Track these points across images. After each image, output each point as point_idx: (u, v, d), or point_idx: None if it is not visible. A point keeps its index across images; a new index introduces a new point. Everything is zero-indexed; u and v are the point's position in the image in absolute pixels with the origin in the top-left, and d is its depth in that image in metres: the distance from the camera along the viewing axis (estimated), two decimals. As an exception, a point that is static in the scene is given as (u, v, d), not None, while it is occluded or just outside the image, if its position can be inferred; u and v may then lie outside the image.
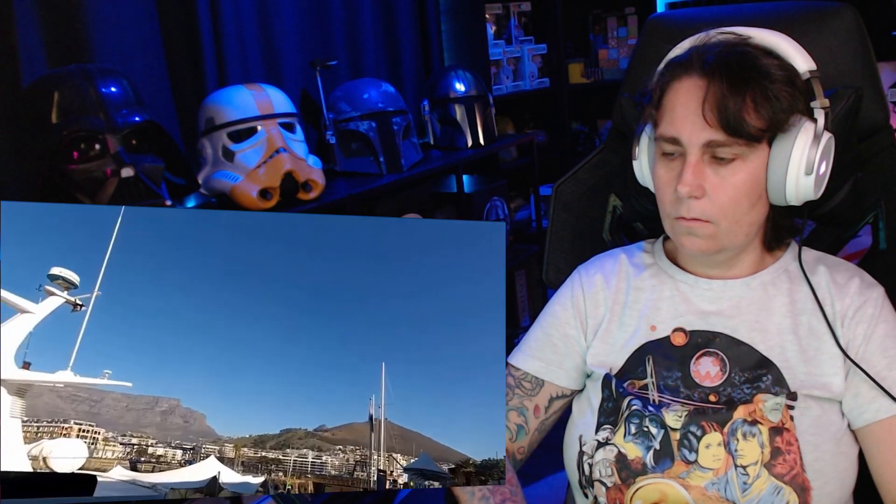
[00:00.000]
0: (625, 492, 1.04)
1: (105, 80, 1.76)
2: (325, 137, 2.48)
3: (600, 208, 1.37)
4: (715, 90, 0.96)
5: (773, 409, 1.01)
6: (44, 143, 1.68)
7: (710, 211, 0.99)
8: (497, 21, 3.57)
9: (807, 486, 0.99)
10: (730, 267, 1.09)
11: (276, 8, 2.56)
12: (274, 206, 2.07)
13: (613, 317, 1.14)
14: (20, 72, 1.87)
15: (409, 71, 3.16)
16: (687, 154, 0.99)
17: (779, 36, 1.01)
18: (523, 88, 3.64)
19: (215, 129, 2.10)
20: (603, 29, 3.89)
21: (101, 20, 2.04)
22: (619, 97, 1.27)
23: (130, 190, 1.72)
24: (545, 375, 1.16)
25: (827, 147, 1.00)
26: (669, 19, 1.37)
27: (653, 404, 1.06)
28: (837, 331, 1.03)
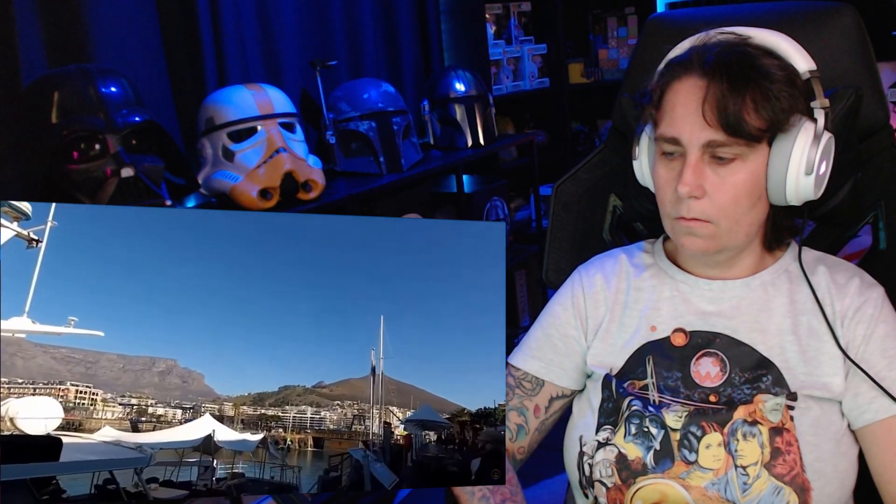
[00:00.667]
0: (625, 492, 1.04)
1: (105, 80, 1.76)
2: (325, 137, 2.48)
3: (600, 208, 1.37)
4: (715, 90, 0.96)
5: (773, 409, 1.01)
6: (44, 143, 1.68)
7: (710, 211, 0.99)
8: (497, 21, 3.57)
9: (807, 486, 0.98)
10: (730, 267, 1.09)
11: (276, 8, 2.56)
12: (274, 206, 2.07)
13: (613, 317, 1.14)
14: (20, 72, 1.87)
15: (409, 71, 3.16)
16: (687, 154, 0.99)
17: (779, 36, 1.01)
18: (523, 88, 3.64)
19: (215, 129, 2.10)
20: (603, 29, 3.89)
21: (101, 20, 2.04)
22: (619, 97, 1.27)
23: (130, 190, 1.72)
24: (545, 375, 1.16)
25: (827, 147, 1.00)
26: (669, 19, 1.37)
27: (653, 405, 1.06)
28: (837, 331, 1.03)
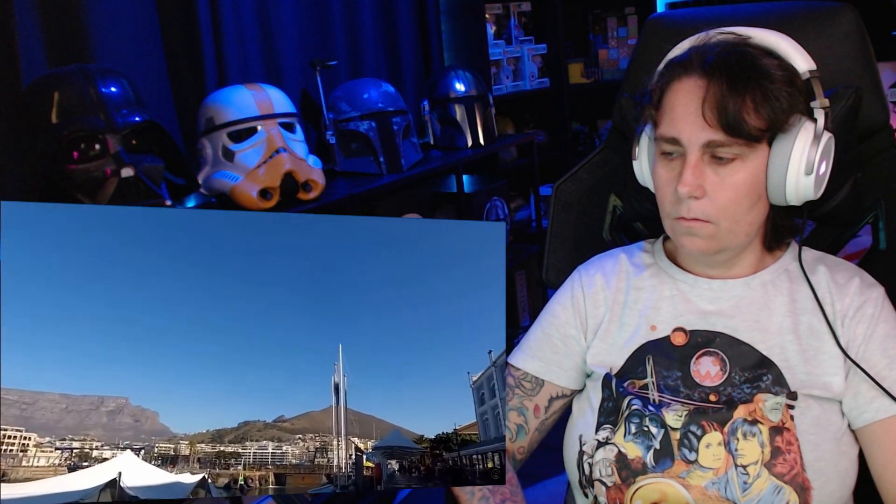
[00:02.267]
0: (625, 491, 1.04)
1: (105, 80, 1.76)
2: (325, 137, 2.48)
3: (600, 208, 1.37)
4: (715, 90, 0.96)
5: (773, 408, 1.01)
6: (44, 143, 1.68)
7: (710, 211, 0.99)
8: (497, 21, 3.57)
9: (807, 485, 0.99)
10: (730, 267, 1.09)
11: (276, 8, 2.56)
12: (274, 206, 2.07)
13: (613, 317, 1.14)
14: (20, 72, 1.87)
15: (409, 71, 3.16)
16: (687, 154, 0.99)
17: (779, 36, 1.01)
18: (523, 88, 3.64)
19: (215, 129, 2.10)
20: (603, 29, 3.89)
21: (101, 20, 2.04)
22: (619, 97, 1.27)
23: (130, 190, 1.72)
24: (545, 375, 1.16)
25: (827, 147, 1.00)
26: (669, 19, 1.37)
27: (653, 404, 1.06)
28: (837, 331, 1.03)
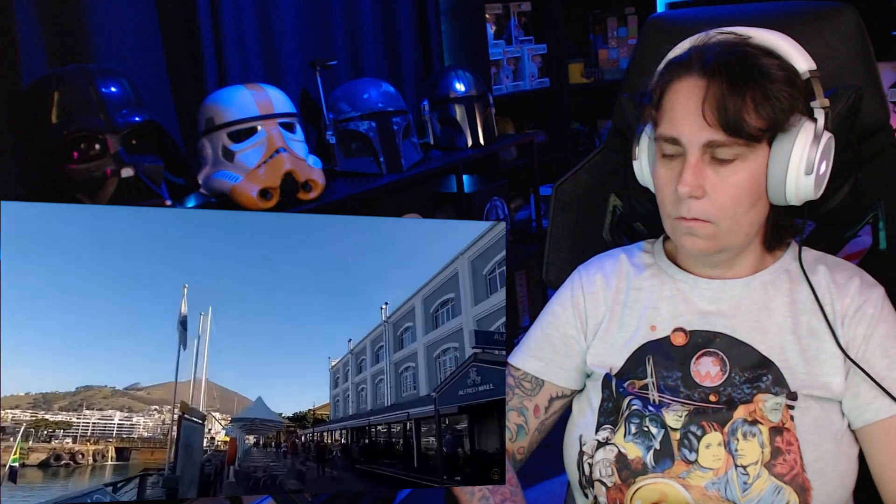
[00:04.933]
0: (625, 491, 1.04)
1: (105, 80, 1.76)
2: (325, 137, 2.48)
3: (600, 208, 1.37)
4: (715, 90, 0.96)
5: (773, 408, 1.01)
6: (44, 143, 1.68)
7: (711, 211, 0.99)
8: (497, 21, 3.57)
9: (807, 485, 0.99)
10: (730, 267, 1.09)
11: (276, 8, 2.56)
12: (274, 206, 2.07)
13: (613, 317, 1.14)
14: (20, 72, 1.87)
15: (409, 71, 3.16)
16: (687, 154, 0.99)
17: (779, 36, 1.01)
18: (523, 88, 3.64)
19: (215, 129, 2.10)
20: (603, 29, 3.89)
21: (101, 20, 2.04)
22: (619, 97, 1.27)
23: (130, 190, 1.72)
24: (545, 375, 1.16)
25: (827, 147, 1.00)
26: (669, 19, 1.37)
27: (653, 404, 1.06)
28: (837, 331, 1.03)
